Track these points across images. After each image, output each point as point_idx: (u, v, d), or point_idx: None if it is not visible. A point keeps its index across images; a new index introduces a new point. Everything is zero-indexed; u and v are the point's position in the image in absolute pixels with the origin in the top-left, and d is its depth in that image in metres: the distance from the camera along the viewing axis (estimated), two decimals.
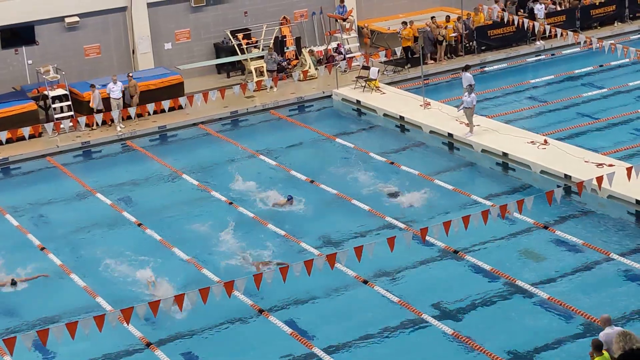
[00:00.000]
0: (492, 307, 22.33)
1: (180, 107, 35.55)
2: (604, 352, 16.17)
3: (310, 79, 39.84)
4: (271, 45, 39.85)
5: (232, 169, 31.81)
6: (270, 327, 21.99)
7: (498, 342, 20.67)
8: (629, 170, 24.47)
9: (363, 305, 22.75)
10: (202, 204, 29.33)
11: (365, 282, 23.61)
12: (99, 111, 34.73)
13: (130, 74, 36.35)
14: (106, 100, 35.35)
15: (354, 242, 24.06)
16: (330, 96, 38.30)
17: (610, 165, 27.77)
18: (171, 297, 19.66)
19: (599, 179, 23.84)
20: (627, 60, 36.86)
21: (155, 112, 34.82)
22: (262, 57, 39.70)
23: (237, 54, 39.87)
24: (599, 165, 28.21)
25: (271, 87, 38.47)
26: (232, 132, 35.79)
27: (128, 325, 20.24)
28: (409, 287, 23.49)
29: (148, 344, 21.51)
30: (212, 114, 36.62)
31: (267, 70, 39.38)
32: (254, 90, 37.18)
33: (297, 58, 41.42)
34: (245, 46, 40.04)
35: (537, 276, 23.37)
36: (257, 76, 39.24)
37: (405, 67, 40.23)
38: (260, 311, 22.56)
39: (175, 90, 36.72)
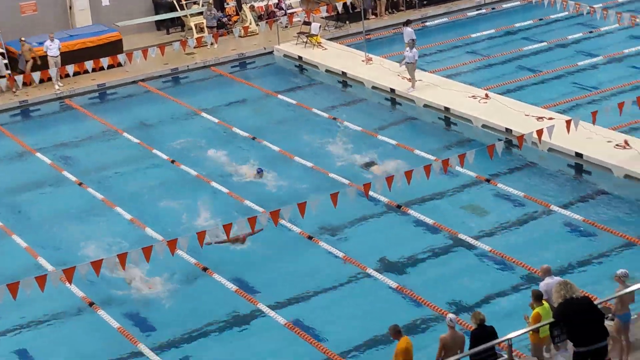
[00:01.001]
0: (435, 260, 22.49)
1: (119, 65, 35.10)
2: (544, 302, 16.40)
3: (251, 35, 39.54)
4: (211, 1, 39.41)
5: (173, 127, 31.55)
6: (215, 284, 21.94)
7: (441, 294, 20.85)
8: (568, 123, 24.68)
9: (308, 261, 22.78)
10: (143, 163, 29.08)
11: (309, 238, 23.63)
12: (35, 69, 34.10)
13: (23, 39, 35.04)
14: (44, 58, 34.77)
15: (297, 199, 24.02)
16: (271, 52, 38.07)
17: (550, 119, 28.00)
18: (114, 256, 19.47)
19: (539, 132, 24.02)
20: (566, 13, 37.11)
21: (94, 70, 34.35)
22: (201, 13, 39.29)
23: (177, 10, 39.40)
24: (539, 118, 28.44)
25: (211, 44, 38.12)
26: (173, 90, 35.46)
27: (70, 285, 20.01)
28: (354, 242, 23.57)
29: (91, 304, 21.37)
30: (152, 72, 36.21)
31: (207, 27, 38.97)
32: (194, 47, 36.80)
33: (237, 14, 41.06)
34: (185, 2, 39.58)
35: (479, 229, 23.58)
36: (197, 33, 38.86)
37: (347, 22, 40.08)
38: (205, 269, 22.49)
39: (113, 48, 36.24)
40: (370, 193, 23.08)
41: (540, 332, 15.99)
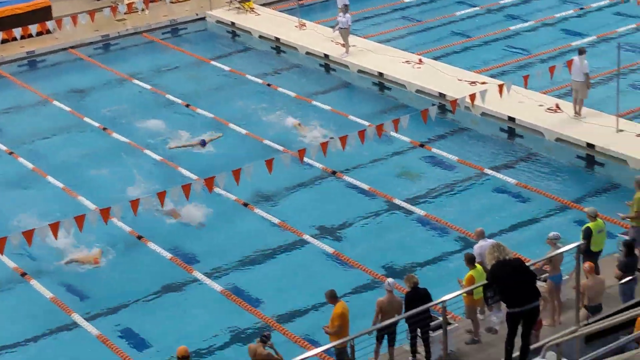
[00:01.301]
0: (371, 225, 22.58)
1: (48, 32, 34.48)
2: (477, 265, 16.58)
3: (182, 1, 39.08)
4: None
5: (104, 94, 31.13)
6: (150, 253, 21.80)
7: (377, 259, 20.96)
8: (500, 87, 24.86)
9: (244, 228, 22.71)
10: (74, 131, 28.68)
11: (245, 205, 23.56)
12: None
13: None
14: None
15: (232, 166, 23.91)
16: (203, 18, 37.69)
17: (483, 83, 28.18)
18: (45, 224, 19.19)
19: (472, 97, 24.16)
20: None
21: (22, 37, 33.65)
22: None
23: None
24: (472, 83, 28.60)
25: (143, 10, 37.59)
26: (104, 57, 34.96)
27: (2, 254, 19.68)
28: (289, 209, 23.55)
29: (23, 274, 21.11)
30: (82, 38, 35.63)
31: None
32: (124, 13, 36.27)
33: None
34: None
35: (414, 194, 23.71)
36: None
37: None
38: (139, 237, 22.32)
39: (42, 14, 35.56)
40: (305, 159, 23.06)
41: (474, 294, 16.16)
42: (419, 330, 15.87)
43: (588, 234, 17.60)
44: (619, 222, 20.26)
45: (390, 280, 16.33)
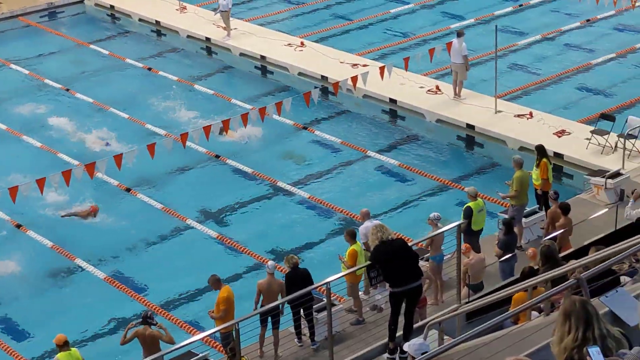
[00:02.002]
0: (255, 209, 22.58)
1: None
2: (357, 242, 16.79)
3: None
4: None
5: None
6: (30, 241, 21.35)
7: (262, 242, 20.99)
8: (381, 69, 25.08)
9: (127, 214, 22.43)
10: None
11: (128, 190, 23.27)
12: None
13: None
14: None
15: (113, 152, 23.58)
16: (82, 1, 36.92)
17: (365, 66, 28.38)
18: None
19: (354, 79, 24.32)
20: None
21: None
22: None
23: None
24: (354, 65, 28.78)
25: None
26: None
27: None
28: (172, 193, 23.37)
29: None
30: None
31: None
32: None
33: None
34: None
35: (297, 177, 23.79)
36: None
37: None
38: (18, 226, 21.85)
39: None
40: (188, 143, 22.86)
41: (357, 271, 16.35)
42: (302, 311, 15.97)
43: (469, 214, 17.97)
44: (499, 202, 20.72)
45: (270, 262, 16.43)
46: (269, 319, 15.92)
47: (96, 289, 19.71)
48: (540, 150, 19.60)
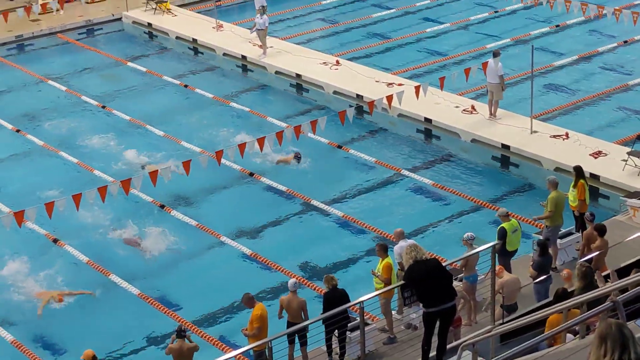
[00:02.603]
0: (288, 227, 22.55)
1: None
2: (389, 256, 16.80)
3: (98, 1, 38.62)
4: None
5: (19, 95, 30.59)
6: (67, 255, 21.49)
7: (295, 260, 20.97)
8: (417, 88, 25.09)
9: (162, 231, 22.49)
10: None
11: (162, 207, 23.37)
12: None
13: None
14: None
15: (150, 168, 23.69)
16: (120, 19, 37.31)
17: (400, 85, 28.40)
18: None
19: (389, 98, 24.34)
20: None
21: None
22: None
23: None
24: (389, 84, 28.82)
25: (57, 10, 37.04)
26: (18, 57, 34.39)
27: None
28: (206, 210, 23.44)
29: None
30: None
31: None
32: (39, 14, 35.70)
33: None
34: None
35: (332, 195, 23.77)
36: None
37: None
38: (55, 240, 22.01)
39: None
40: (223, 161, 22.95)
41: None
42: (336, 331, 15.95)
43: (503, 234, 17.87)
44: (533, 222, 20.60)
45: (292, 280, 16.52)
46: (296, 337, 15.93)
47: (130, 305, 19.78)
48: (578, 171, 19.47)
